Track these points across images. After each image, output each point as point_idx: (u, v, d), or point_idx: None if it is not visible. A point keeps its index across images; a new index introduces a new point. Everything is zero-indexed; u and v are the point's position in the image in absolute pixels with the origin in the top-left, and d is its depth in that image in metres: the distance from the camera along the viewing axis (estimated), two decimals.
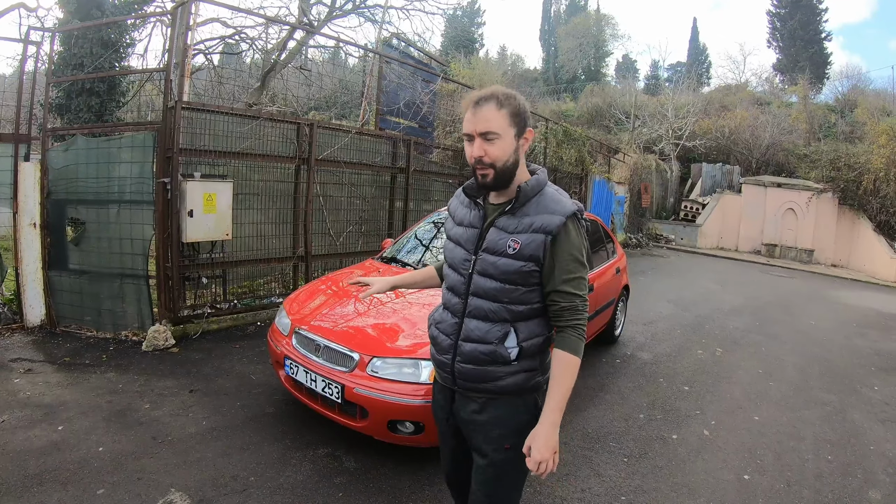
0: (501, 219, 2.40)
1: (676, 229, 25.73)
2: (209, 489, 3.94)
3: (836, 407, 6.49)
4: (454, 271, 2.52)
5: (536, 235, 2.33)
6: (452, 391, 2.59)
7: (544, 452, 2.23)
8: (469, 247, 2.46)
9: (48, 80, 7.58)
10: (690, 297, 12.77)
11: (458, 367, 2.47)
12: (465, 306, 2.45)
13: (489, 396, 2.46)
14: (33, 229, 6.98)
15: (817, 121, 31.29)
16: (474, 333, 2.42)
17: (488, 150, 2.29)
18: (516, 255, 2.33)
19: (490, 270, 2.38)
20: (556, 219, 2.34)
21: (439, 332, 2.58)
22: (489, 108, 2.28)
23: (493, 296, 2.38)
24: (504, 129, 2.30)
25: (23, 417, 4.81)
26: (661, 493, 4.34)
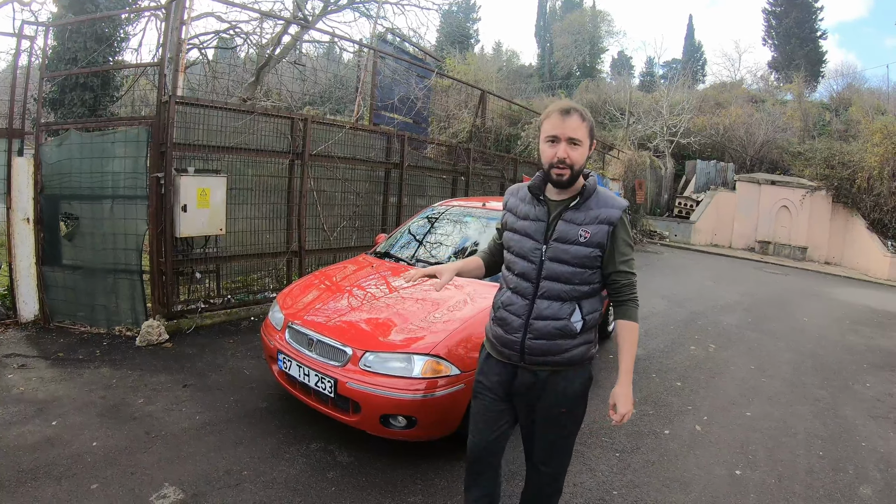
0: (568, 213, 2.81)
1: (671, 226, 25.76)
2: (202, 483, 3.95)
3: (829, 403, 6.52)
4: (523, 259, 2.87)
5: (602, 226, 2.78)
6: (515, 368, 2.93)
7: (627, 406, 2.76)
8: (538, 237, 2.84)
9: (42, 74, 7.57)
10: (684, 293, 12.80)
11: (528, 344, 2.83)
12: (537, 289, 2.82)
13: (553, 369, 2.86)
14: (27, 225, 6.96)
15: (812, 119, 31.32)
16: (547, 311, 2.80)
17: (571, 154, 2.71)
18: (587, 243, 2.77)
19: (563, 256, 2.77)
20: (616, 212, 2.81)
21: (509, 314, 2.90)
22: (577, 118, 2.71)
23: (566, 278, 2.79)
24: (585, 138, 2.75)
25: (16, 413, 4.80)
26: (652, 487, 4.36)
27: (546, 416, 2.93)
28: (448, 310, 4.77)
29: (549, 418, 2.93)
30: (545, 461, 3.05)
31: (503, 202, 3.08)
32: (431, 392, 4.12)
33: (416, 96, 11.80)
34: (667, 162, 29.00)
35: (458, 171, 12.59)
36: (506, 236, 3.01)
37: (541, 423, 2.96)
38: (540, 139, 2.84)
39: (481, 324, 4.64)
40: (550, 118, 2.75)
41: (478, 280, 5.59)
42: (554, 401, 2.89)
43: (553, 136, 2.73)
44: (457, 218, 6.80)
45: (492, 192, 14.08)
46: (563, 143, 2.71)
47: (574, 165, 2.73)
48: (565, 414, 2.92)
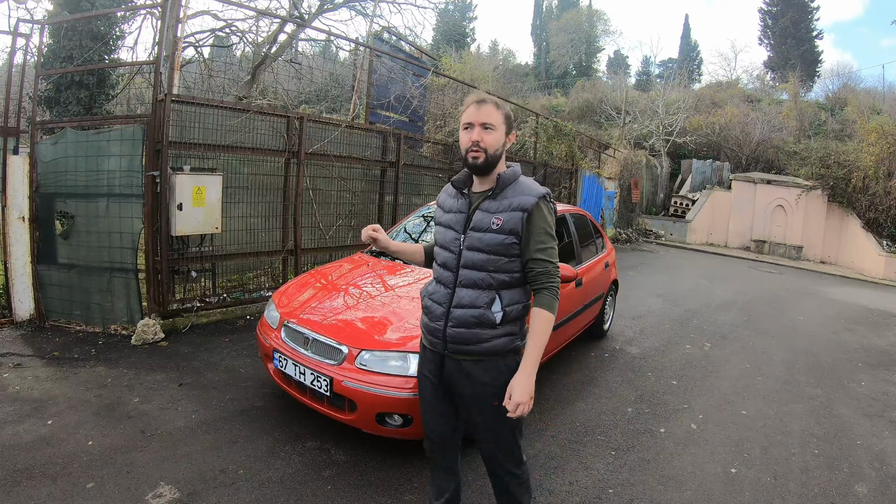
0: (485, 202, 2.90)
1: (666, 225, 25.82)
2: (198, 482, 3.94)
3: (823, 401, 6.54)
4: (445, 250, 2.98)
5: (515, 213, 2.83)
6: (442, 357, 2.99)
7: (522, 396, 2.70)
8: (458, 228, 2.94)
9: (37, 72, 7.54)
10: (679, 292, 12.82)
11: (449, 332, 2.89)
12: (457, 278, 2.91)
13: (476, 359, 2.89)
14: (22, 223, 6.95)
15: (807, 118, 31.42)
16: (465, 300, 2.87)
17: (484, 138, 2.81)
18: (499, 230, 2.83)
19: (477, 244, 2.85)
20: (530, 199, 2.85)
21: (433, 302, 2.99)
22: (491, 106, 2.85)
23: (481, 266, 2.85)
24: (499, 124, 2.86)
25: (12, 412, 4.80)
26: (648, 485, 4.36)
27: (478, 406, 2.96)
28: None
29: (481, 409, 2.95)
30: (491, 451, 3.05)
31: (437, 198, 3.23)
32: None
33: (412, 95, 11.79)
34: (663, 161, 29.07)
35: (455, 169, 12.57)
36: (434, 230, 3.14)
37: (475, 414, 2.98)
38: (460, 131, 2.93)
39: None
40: (467, 109, 2.88)
41: None
42: (481, 392, 2.91)
43: (468, 123, 2.86)
44: None
45: None
46: (476, 128, 2.82)
47: (488, 149, 2.83)
48: (498, 406, 2.86)
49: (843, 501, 4.41)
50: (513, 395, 2.70)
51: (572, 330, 6.73)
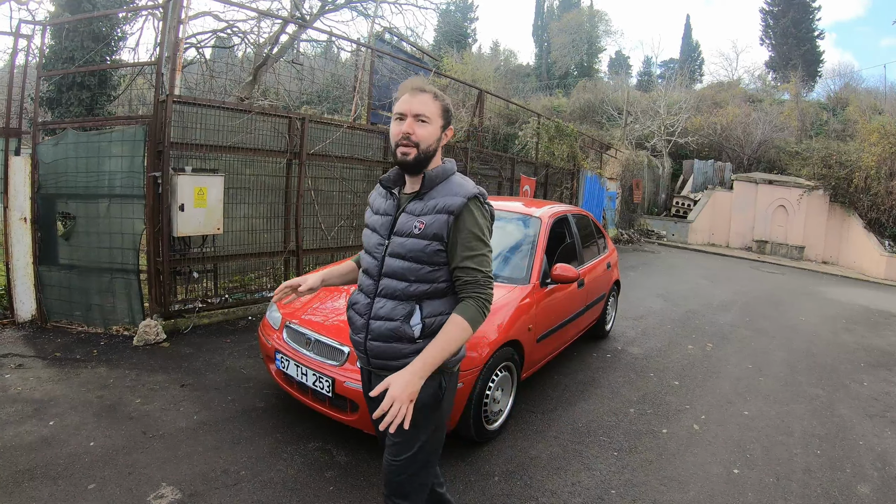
0: (411, 204, 2.64)
1: (667, 225, 25.80)
2: (200, 483, 3.94)
3: (825, 402, 6.53)
4: (369, 255, 2.75)
5: (440, 216, 2.55)
6: (369, 372, 2.81)
7: (398, 390, 2.30)
8: (383, 232, 2.68)
9: (39, 73, 7.54)
10: (681, 292, 12.81)
11: (369, 345, 2.66)
12: (377, 287, 2.65)
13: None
14: (23, 224, 6.95)
15: (809, 118, 31.41)
16: (382, 311, 2.62)
17: (417, 130, 2.54)
18: (421, 235, 2.55)
19: (399, 251, 2.59)
20: (458, 200, 2.56)
21: (354, 313, 2.77)
22: (428, 96, 2.58)
23: (402, 275, 2.59)
24: (435, 117, 2.59)
25: (13, 413, 4.80)
26: (650, 486, 4.36)
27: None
28: None
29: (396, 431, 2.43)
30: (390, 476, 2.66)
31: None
32: None
33: None
34: (664, 161, 29.04)
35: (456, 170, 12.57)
36: (363, 230, 2.87)
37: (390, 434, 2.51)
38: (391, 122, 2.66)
39: None
40: (401, 98, 2.60)
41: None
42: None
43: (400, 113, 2.57)
44: None
45: (490, 191, 14.02)
46: (409, 119, 2.54)
47: (420, 144, 2.53)
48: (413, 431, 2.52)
49: (846, 502, 4.40)
50: (390, 386, 2.32)
51: (574, 330, 6.74)
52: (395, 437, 2.58)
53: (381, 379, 2.49)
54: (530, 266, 5.71)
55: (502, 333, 4.77)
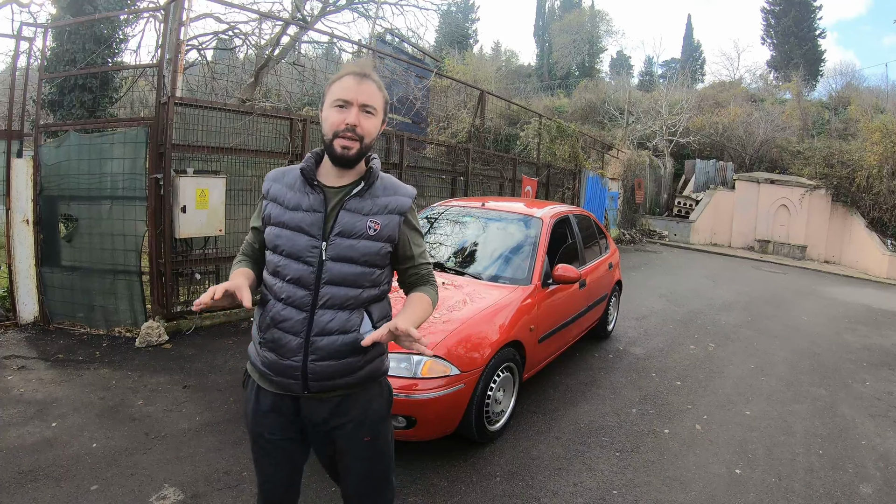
0: (352, 201, 2.33)
1: (669, 225, 25.78)
2: (202, 484, 3.95)
3: (827, 401, 6.52)
4: (297, 261, 2.29)
5: (392, 216, 2.37)
6: (296, 399, 2.39)
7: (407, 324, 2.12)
8: (315, 232, 2.29)
9: (41, 75, 7.57)
10: (683, 292, 12.81)
11: (311, 367, 2.29)
12: (317, 298, 2.28)
13: (346, 392, 2.39)
14: (25, 226, 6.97)
15: (811, 118, 31.38)
16: (332, 325, 2.29)
17: (364, 123, 2.26)
18: (377, 237, 2.33)
19: (350, 254, 2.29)
20: (407, 200, 2.43)
21: (284, 333, 2.30)
22: (374, 85, 2.29)
23: (353, 281, 2.31)
24: (379, 109, 2.32)
25: (16, 414, 4.81)
26: (652, 486, 4.36)
27: (349, 448, 2.44)
28: (447, 310, 4.79)
29: (353, 451, 2.45)
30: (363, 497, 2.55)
31: (263, 189, 2.46)
32: (432, 392, 4.13)
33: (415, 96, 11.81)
34: (666, 161, 29.03)
35: (458, 171, 12.61)
36: (269, 233, 2.37)
37: (346, 457, 2.47)
38: (324, 105, 2.32)
39: (480, 324, 4.68)
40: (342, 80, 2.27)
41: (476, 280, 5.62)
42: (353, 430, 2.41)
43: (344, 100, 2.24)
44: (456, 218, 6.81)
45: (491, 192, 14.10)
46: (355, 109, 2.23)
47: (365, 138, 2.27)
48: (370, 442, 2.45)
49: (848, 502, 4.40)
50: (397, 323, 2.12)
51: (577, 331, 6.74)
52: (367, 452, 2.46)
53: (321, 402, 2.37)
54: (532, 266, 5.72)
55: (504, 334, 4.78)
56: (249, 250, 2.54)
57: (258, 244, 2.49)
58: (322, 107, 2.35)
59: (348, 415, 2.40)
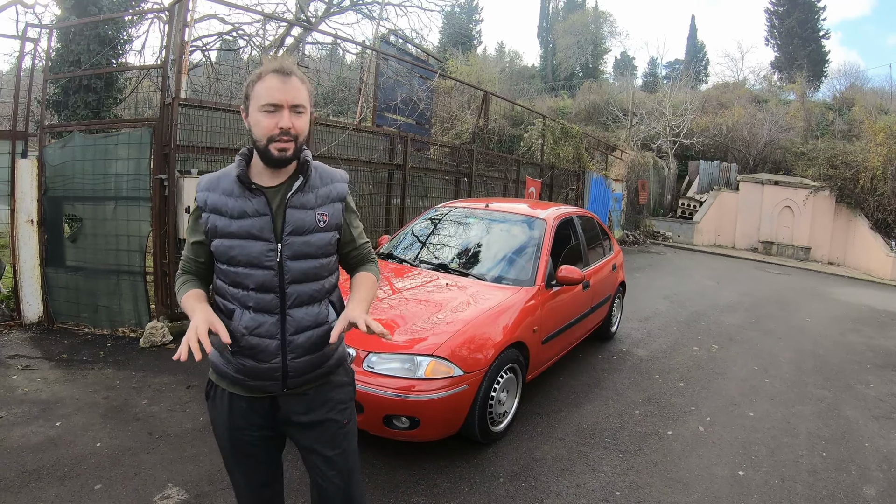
0: (295, 197, 2.31)
1: (673, 226, 25.78)
2: (206, 484, 3.96)
3: (831, 403, 6.51)
4: (256, 268, 2.28)
5: (335, 205, 2.41)
6: (273, 399, 2.42)
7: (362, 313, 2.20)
8: (267, 236, 2.27)
9: (45, 76, 7.61)
10: (686, 293, 12.79)
11: (291, 365, 2.33)
12: (285, 298, 2.31)
13: (319, 382, 2.46)
14: (30, 226, 6.99)
15: (815, 119, 31.28)
16: (307, 320, 2.35)
17: (295, 123, 2.22)
18: (326, 228, 2.37)
19: (307, 250, 2.32)
20: (344, 185, 2.48)
21: (262, 338, 2.31)
22: (297, 81, 2.24)
23: (315, 274, 2.36)
24: (307, 103, 2.28)
25: (20, 414, 4.83)
26: (655, 488, 4.36)
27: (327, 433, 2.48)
28: (451, 311, 4.80)
29: (331, 436, 2.48)
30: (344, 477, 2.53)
31: (197, 202, 2.37)
32: (436, 393, 4.14)
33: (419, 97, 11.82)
34: (670, 162, 29.01)
35: (462, 172, 12.62)
36: (219, 245, 2.30)
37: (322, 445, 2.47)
38: (250, 109, 2.27)
39: (484, 325, 4.68)
40: (265, 80, 2.22)
41: (479, 281, 5.63)
42: (330, 415, 2.47)
43: (273, 104, 2.19)
44: (460, 219, 6.83)
45: (495, 193, 14.11)
46: (286, 111, 2.20)
47: (299, 136, 2.25)
48: (347, 424, 2.53)
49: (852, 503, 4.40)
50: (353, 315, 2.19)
51: (580, 332, 6.74)
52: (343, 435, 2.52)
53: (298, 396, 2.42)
54: (535, 268, 5.72)
55: (507, 335, 4.78)
56: (193, 267, 2.45)
57: (203, 258, 2.42)
58: (247, 109, 2.30)
59: (324, 402, 2.46)
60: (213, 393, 2.50)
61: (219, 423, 2.49)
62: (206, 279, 2.48)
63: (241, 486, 2.60)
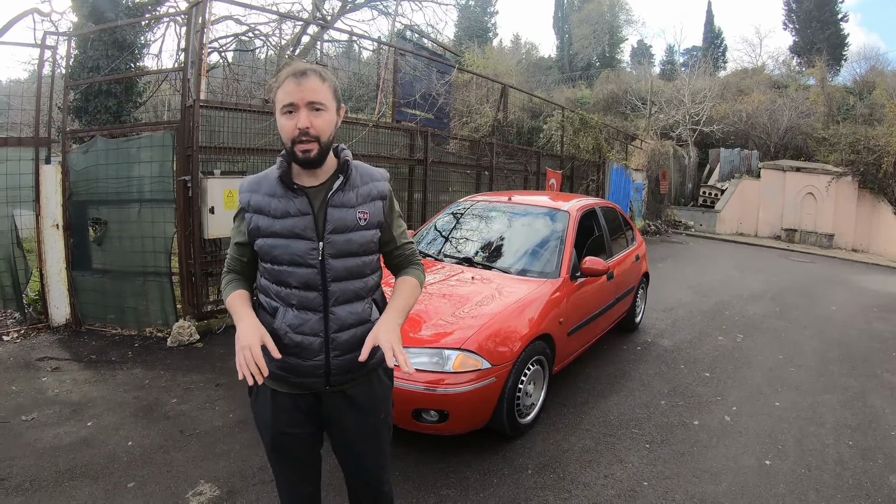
0: (336, 196, 2.33)
1: (695, 215, 25.61)
2: (237, 480, 4.01)
3: (857, 392, 6.46)
4: (299, 266, 2.30)
5: (376, 203, 2.42)
6: (316, 396, 2.46)
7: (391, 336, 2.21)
8: (310, 234, 2.30)
9: (65, 83, 7.68)
10: (710, 283, 12.72)
11: (334, 363, 2.35)
12: (327, 296, 2.32)
13: (362, 379, 2.47)
14: (56, 230, 7.08)
15: (835, 103, 30.96)
16: (351, 318, 2.37)
17: (314, 122, 2.21)
18: (367, 226, 2.38)
19: (349, 248, 2.34)
20: (385, 184, 2.50)
21: (305, 336, 2.33)
22: (315, 79, 2.22)
23: (358, 272, 2.38)
24: (329, 101, 2.26)
25: (51, 415, 4.90)
26: (683, 478, 4.36)
27: (363, 430, 2.53)
28: (477, 304, 4.82)
29: (367, 432, 2.54)
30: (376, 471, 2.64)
31: (241, 203, 2.41)
32: (464, 386, 4.16)
33: (438, 92, 11.82)
34: (690, 151, 28.80)
35: (482, 165, 12.62)
36: (263, 245, 2.34)
37: (359, 440, 2.54)
38: (276, 115, 2.28)
39: (510, 318, 4.70)
40: (284, 86, 2.22)
41: (504, 274, 5.64)
42: (371, 411, 2.52)
43: (290, 104, 2.19)
44: (483, 213, 6.84)
45: (515, 185, 14.11)
46: (303, 110, 2.19)
47: (321, 136, 2.23)
48: (384, 418, 2.57)
49: (878, 493, 4.36)
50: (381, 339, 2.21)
51: (605, 323, 6.74)
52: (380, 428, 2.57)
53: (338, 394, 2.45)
54: (560, 260, 5.73)
55: (534, 328, 4.79)
56: (237, 266, 2.52)
57: (247, 257, 2.47)
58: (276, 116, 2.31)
59: (365, 399, 2.49)
60: (255, 390, 2.50)
61: (262, 419, 2.51)
62: (250, 277, 2.54)
63: (281, 481, 2.64)
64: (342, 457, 2.62)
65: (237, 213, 2.45)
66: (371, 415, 2.51)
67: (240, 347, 2.12)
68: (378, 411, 2.54)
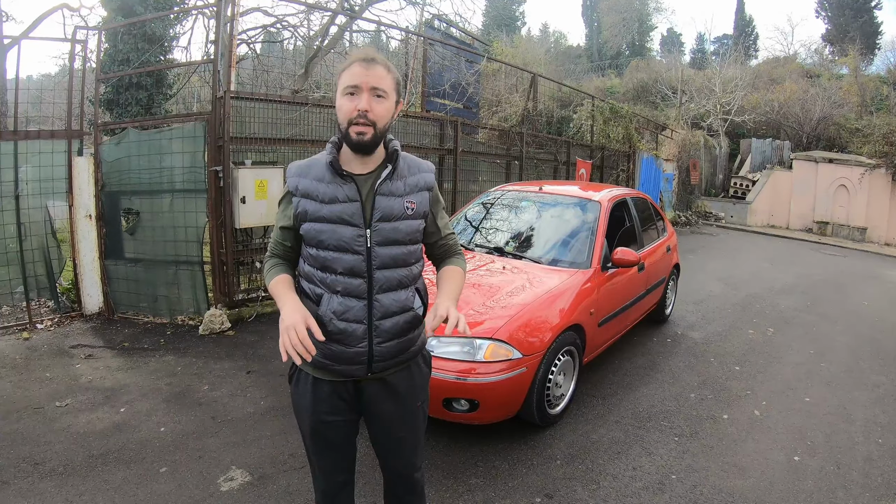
0: (384, 185, 2.36)
1: (726, 207, 25.32)
2: (268, 466, 4.06)
3: (888, 389, 6.37)
4: (346, 252, 2.31)
5: (423, 193, 2.46)
6: (357, 383, 2.47)
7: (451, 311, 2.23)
8: (357, 221, 2.31)
9: (96, 76, 7.76)
10: (741, 275, 12.59)
11: (377, 350, 2.37)
12: (372, 283, 2.34)
13: (402, 366, 2.50)
14: (89, 221, 7.18)
15: (869, 93, 30.46)
16: (394, 306, 2.38)
17: (375, 107, 2.24)
18: (414, 215, 2.40)
19: (395, 236, 2.36)
20: (431, 175, 2.54)
21: (349, 323, 2.34)
22: (382, 68, 2.27)
23: (403, 261, 2.39)
24: (391, 91, 2.30)
25: (85, 401, 4.99)
26: (711, 472, 4.33)
27: (402, 417, 2.56)
28: (508, 294, 4.83)
29: (406, 419, 2.57)
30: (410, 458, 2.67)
31: (289, 187, 2.41)
32: (495, 375, 4.17)
33: (467, 82, 11.80)
34: (721, 141, 28.47)
35: (512, 155, 12.59)
36: (309, 229, 2.34)
37: (397, 427, 2.57)
38: (337, 96, 2.32)
39: (541, 308, 4.70)
40: (350, 68, 2.25)
41: (535, 264, 5.63)
42: (409, 398, 2.54)
43: (354, 86, 2.23)
44: (513, 202, 6.83)
45: (545, 175, 14.07)
46: (365, 94, 2.22)
47: (377, 122, 2.25)
48: (421, 406, 2.61)
49: None
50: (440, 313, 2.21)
51: (635, 314, 6.71)
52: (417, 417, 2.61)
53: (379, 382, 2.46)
54: (591, 250, 5.71)
55: (565, 318, 4.79)
56: (281, 250, 2.51)
57: (290, 242, 2.48)
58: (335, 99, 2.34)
59: (405, 387, 2.52)
60: (296, 377, 2.53)
61: (302, 406, 2.52)
62: (293, 263, 2.54)
63: (317, 469, 2.64)
64: (380, 444, 2.64)
65: (283, 197, 2.46)
66: (410, 402, 2.54)
67: (284, 328, 2.11)
68: (416, 398, 2.57)
